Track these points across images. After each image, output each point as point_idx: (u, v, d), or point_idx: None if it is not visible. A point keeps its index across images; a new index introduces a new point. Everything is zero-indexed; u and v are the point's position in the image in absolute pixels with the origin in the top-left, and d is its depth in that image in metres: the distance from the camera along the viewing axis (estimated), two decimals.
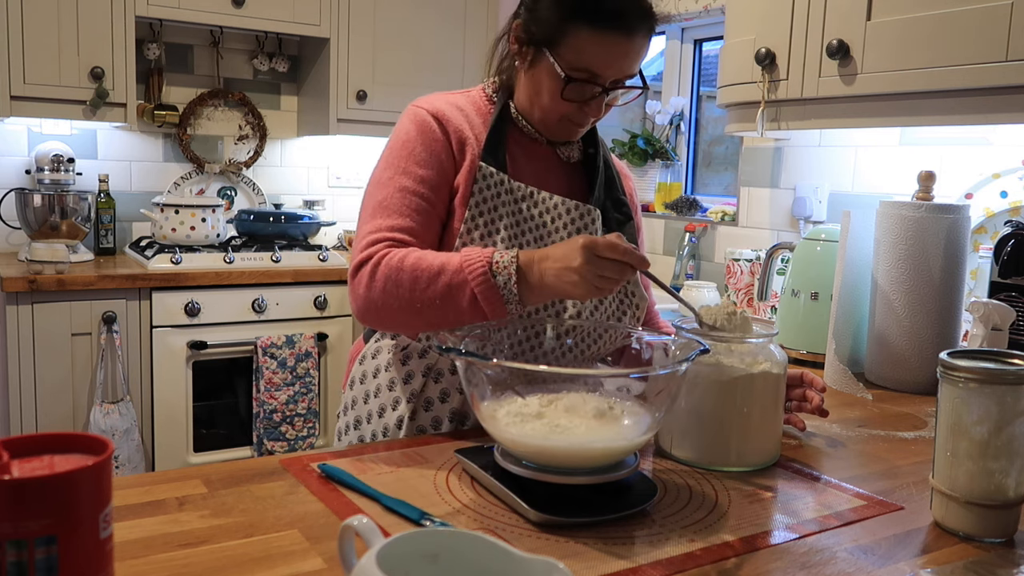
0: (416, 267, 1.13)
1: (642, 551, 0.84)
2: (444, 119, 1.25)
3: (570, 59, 1.18)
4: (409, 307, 1.13)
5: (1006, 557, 0.88)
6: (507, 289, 1.08)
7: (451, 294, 1.10)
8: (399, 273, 1.13)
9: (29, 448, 0.65)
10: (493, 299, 1.09)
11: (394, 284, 1.14)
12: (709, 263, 2.78)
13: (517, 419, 0.95)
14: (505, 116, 1.29)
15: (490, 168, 1.23)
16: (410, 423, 1.25)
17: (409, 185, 1.21)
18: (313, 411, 2.92)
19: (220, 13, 2.92)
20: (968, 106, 1.48)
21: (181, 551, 0.81)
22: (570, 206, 1.28)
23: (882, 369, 1.63)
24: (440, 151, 1.23)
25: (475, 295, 1.09)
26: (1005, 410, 0.88)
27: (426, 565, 0.63)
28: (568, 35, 1.17)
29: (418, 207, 1.21)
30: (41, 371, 2.54)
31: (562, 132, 1.29)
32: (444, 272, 1.11)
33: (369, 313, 1.18)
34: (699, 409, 1.09)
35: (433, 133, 1.24)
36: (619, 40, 1.17)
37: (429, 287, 1.11)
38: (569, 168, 1.35)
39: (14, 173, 2.96)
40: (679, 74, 3.15)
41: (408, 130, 1.25)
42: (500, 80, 1.32)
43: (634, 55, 1.20)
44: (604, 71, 1.19)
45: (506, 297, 1.09)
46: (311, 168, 3.53)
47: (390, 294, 1.14)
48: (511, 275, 1.08)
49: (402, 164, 1.23)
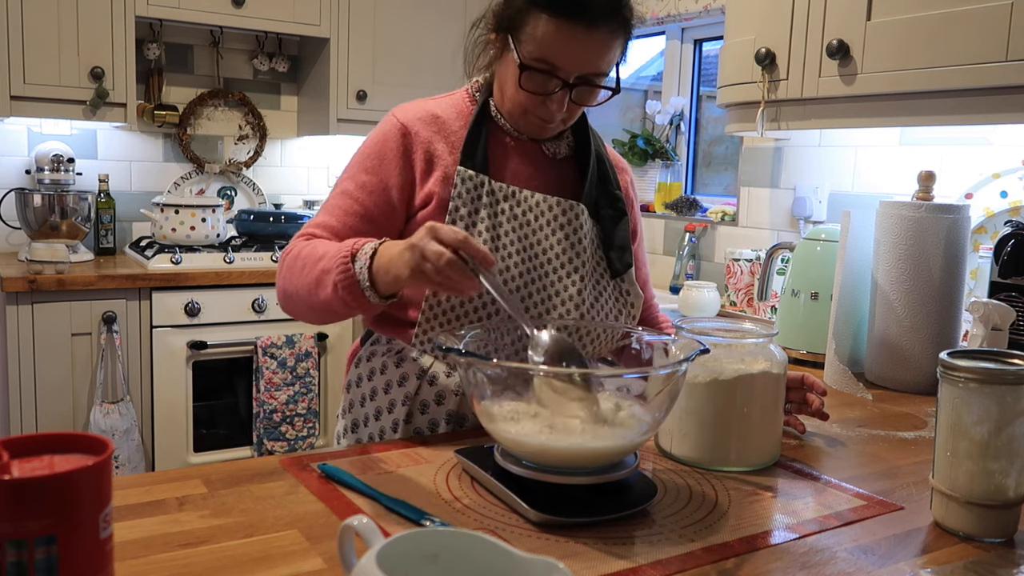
0: (308, 254, 1.16)
1: (642, 551, 0.84)
2: (412, 131, 1.25)
3: (529, 48, 1.16)
4: (297, 292, 1.17)
5: (1006, 557, 0.88)
6: (362, 275, 1.08)
7: (322, 279, 1.12)
8: (294, 260, 1.18)
9: (29, 448, 0.65)
10: (350, 284, 1.08)
11: (288, 270, 1.19)
12: (709, 263, 2.78)
13: (516, 418, 0.95)
14: (485, 115, 1.28)
15: (469, 172, 1.22)
16: (406, 426, 1.25)
17: (349, 189, 1.25)
18: (313, 411, 2.92)
19: (220, 13, 2.92)
20: (968, 106, 1.48)
21: (181, 551, 0.81)
22: (552, 203, 1.27)
23: (882, 369, 1.63)
24: (393, 159, 1.24)
25: (336, 281, 1.09)
26: (1005, 410, 0.88)
27: (426, 565, 0.63)
28: (528, 22, 1.16)
29: (348, 208, 1.23)
30: (41, 371, 2.54)
31: (530, 128, 1.27)
32: (324, 258, 1.12)
33: (279, 298, 1.24)
34: (699, 409, 1.09)
35: (392, 143, 1.25)
36: (578, 32, 1.14)
37: (310, 272, 1.14)
38: (557, 164, 1.33)
39: (14, 173, 2.96)
40: (679, 74, 3.15)
41: (372, 138, 1.28)
42: (485, 79, 1.32)
43: (596, 50, 1.16)
44: (562, 63, 1.16)
45: (361, 282, 1.08)
46: (311, 168, 3.53)
47: (287, 280, 1.19)
48: (366, 260, 1.07)
49: (353, 170, 1.26)
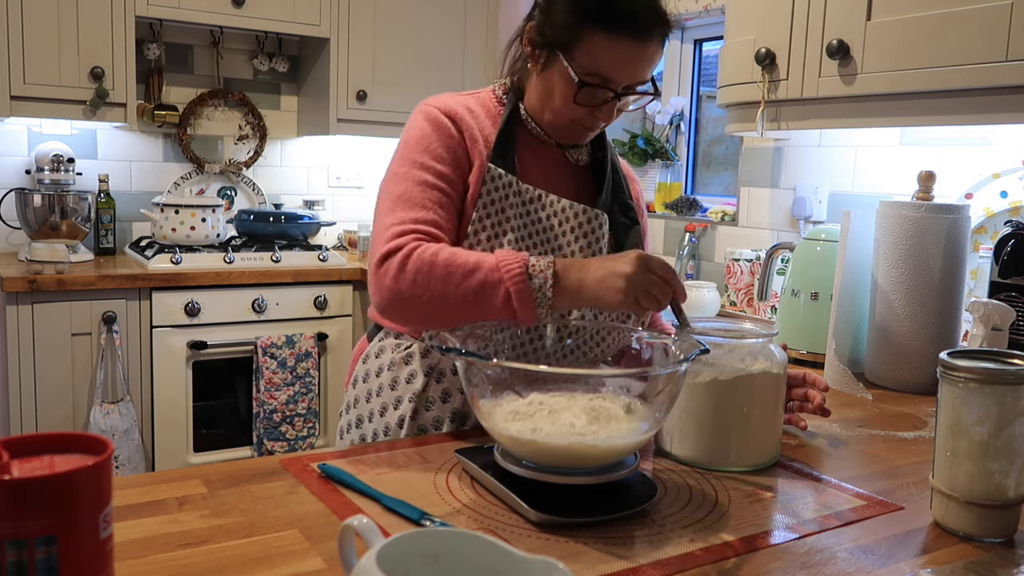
0: (450, 262, 1.12)
1: (642, 551, 0.84)
2: (457, 117, 1.24)
3: (584, 63, 1.17)
4: (439, 301, 1.12)
5: (1006, 557, 0.88)
6: (541, 292, 1.08)
7: (485, 291, 1.10)
8: (432, 267, 1.12)
9: (29, 448, 0.65)
10: (526, 300, 1.08)
11: (426, 277, 1.12)
12: (709, 263, 2.78)
13: (516, 418, 0.95)
14: (515, 118, 1.28)
15: (499, 170, 1.22)
16: (411, 422, 1.25)
17: (428, 179, 1.20)
18: (313, 411, 2.92)
19: (220, 13, 2.92)
20: (968, 106, 1.48)
21: (181, 551, 0.81)
22: (578, 210, 1.28)
23: (882, 369, 1.63)
24: (456, 148, 1.23)
25: (509, 294, 1.08)
26: (1005, 410, 0.88)
27: (426, 565, 0.63)
28: (582, 39, 1.17)
29: (439, 200, 1.20)
30: (41, 371, 2.54)
31: (571, 136, 1.29)
32: (479, 269, 1.10)
33: (394, 304, 1.15)
34: (699, 409, 1.09)
35: (447, 130, 1.23)
36: (633, 46, 1.17)
37: (463, 283, 1.10)
38: (577, 171, 1.35)
39: (14, 173, 2.96)
40: (679, 74, 3.15)
41: (422, 126, 1.24)
42: (511, 81, 1.32)
43: (647, 61, 1.20)
44: (617, 76, 1.18)
45: (539, 300, 1.09)
46: (311, 168, 3.53)
47: (420, 286, 1.12)
48: (547, 278, 1.09)
49: (419, 159, 1.21)
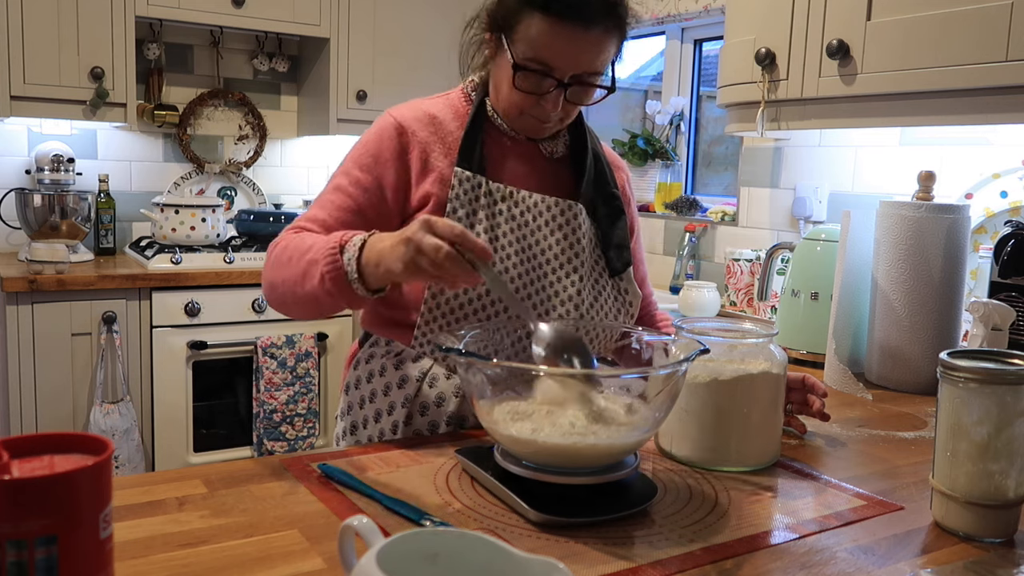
0: (295, 246, 1.14)
1: (642, 551, 0.84)
2: (408, 132, 1.25)
3: (523, 48, 1.16)
4: (282, 284, 1.16)
5: (1006, 557, 0.88)
6: (350, 266, 1.06)
7: (309, 270, 1.10)
8: (282, 252, 1.17)
9: (29, 448, 0.65)
10: (337, 276, 1.06)
11: (274, 261, 1.18)
12: (709, 263, 2.78)
13: (516, 418, 0.94)
14: (481, 115, 1.28)
15: (466, 172, 1.22)
16: (406, 428, 1.24)
17: (342, 184, 1.24)
18: (313, 411, 2.92)
19: (220, 13, 2.92)
20: (968, 106, 1.48)
21: (181, 551, 0.81)
22: (550, 203, 1.26)
23: (882, 369, 1.63)
24: (389, 158, 1.24)
25: (323, 273, 1.07)
26: (1005, 410, 0.88)
27: (426, 565, 0.63)
28: (522, 22, 1.16)
29: (341, 203, 1.22)
30: (41, 371, 2.54)
31: (527, 128, 1.27)
32: (311, 250, 1.10)
33: (265, 292, 1.22)
34: (699, 409, 1.09)
35: (388, 142, 1.24)
36: (574, 31, 1.14)
37: (297, 264, 1.12)
38: (554, 163, 1.33)
39: (14, 173, 2.96)
40: (679, 74, 3.15)
41: (367, 135, 1.27)
42: (480, 77, 1.32)
43: (592, 49, 1.16)
44: (558, 63, 1.16)
45: (348, 274, 1.06)
46: (311, 168, 3.53)
47: (272, 271, 1.18)
48: (355, 252, 1.06)
49: (348, 166, 1.26)
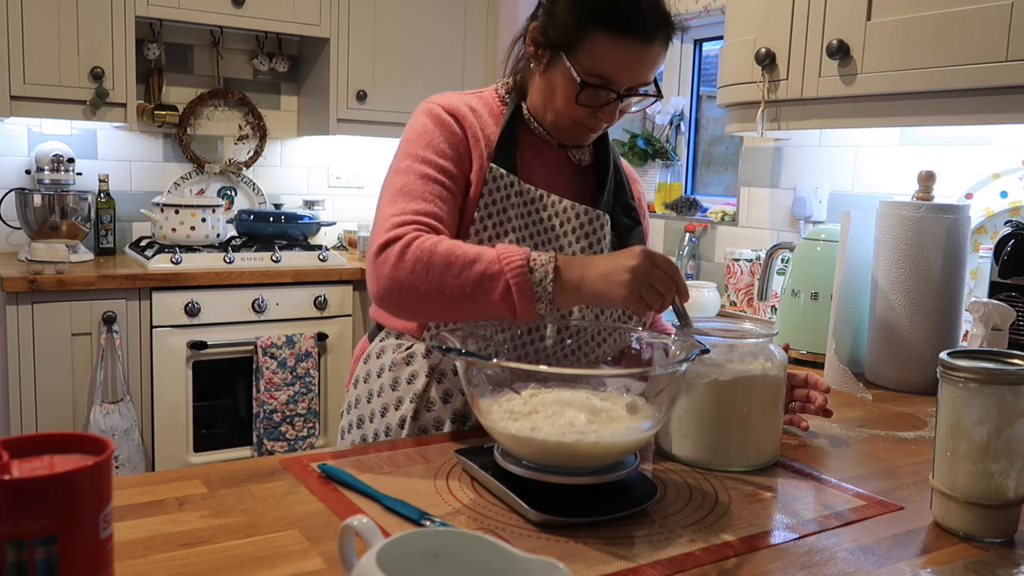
0: (450, 253, 1.11)
1: (642, 551, 0.84)
2: (460, 115, 1.24)
3: (586, 64, 1.17)
4: (437, 292, 1.11)
5: (1006, 557, 0.88)
6: (542, 286, 1.07)
7: (484, 283, 1.09)
8: (431, 256, 1.11)
9: (29, 448, 0.65)
10: (526, 294, 1.07)
11: (425, 266, 1.11)
12: (709, 263, 2.78)
13: (515, 417, 0.95)
14: (517, 118, 1.28)
15: (500, 170, 1.22)
16: (412, 423, 1.25)
17: (430, 173, 1.20)
18: (313, 411, 2.92)
19: (220, 13, 2.92)
20: (968, 106, 1.48)
21: (181, 551, 0.81)
22: (579, 211, 1.28)
23: (882, 369, 1.63)
24: (458, 144, 1.23)
25: (509, 287, 1.07)
26: (1005, 410, 0.88)
27: (426, 565, 0.63)
28: (585, 40, 1.16)
29: (440, 194, 1.20)
30: (41, 371, 2.54)
31: (573, 136, 1.28)
32: (479, 261, 1.09)
33: (391, 294, 1.14)
34: (699, 409, 1.09)
35: (450, 127, 1.23)
36: (636, 47, 1.16)
37: (462, 273, 1.09)
38: (580, 171, 1.35)
39: (14, 173, 2.96)
40: (679, 74, 3.15)
41: (424, 123, 1.24)
42: (513, 81, 1.32)
43: (650, 63, 1.19)
44: (620, 78, 1.18)
45: (539, 294, 1.08)
46: (311, 168, 3.53)
47: (419, 276, 1.11)
48: (548, 273, 1.08)
49: (421, 153, 1.22)
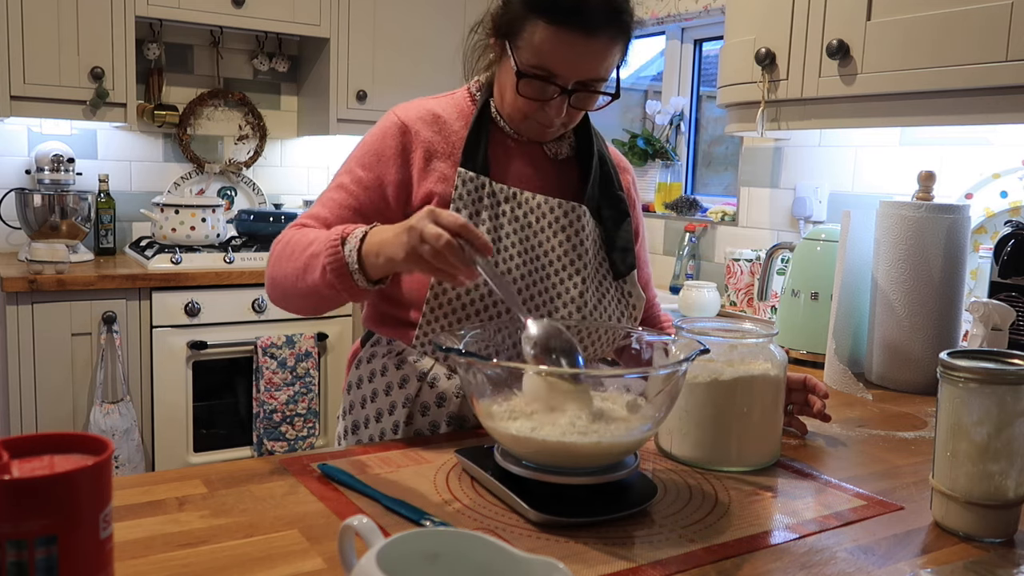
0: (296, 241, 1.15)
1: (642, 551, 0.84)
2: (412, 130, 1.25)
3: (526, 54, 1.15)
4: (284, 280, 1.16)
5: (1006, 557, 0.88)
6: (351, 257, 1.06)
7: (310, 264, 1.10)
8: (284, 247, 1.17)
9: (29, 448, 0.65)
10: (339, 267, 1.06)
11: (276, 257, 1.18)
12: (709, 263, 2.78)
13: (516, 417, 0.94)
14: (485, 116, 1.27)
15: (469, 173, 1.22)
16: (407, 428, 1.24)
17: (345, 183, 1.25)
18: (313, 411, 2.92)
19: (220, 13, 2.92)
20: (968, 106, 1.48)
21: (181, 551, 0.81)
22: (554, 204, 1.26)
23: (882, 369, 1.63)
24: (391, 156, 1.24)
25: (325, 264, 1.07)
26: (1005, 410, 0.88)
27: (426, 565, 0.63)
28: (526, 29, 1.15)
29: (342, 201, 1.23)
30: (41, 371, 2.54)
31: (531, 132, 1.27)
32: (312, 244, 1.11)
33: (268, 289, 1.22)
34: (699, 409, 1.09)
35: (391, 140, 1.25)
36: (577, 39, 1.13)
37: (296, 258, 1.13)
38: (558, 165, 1.32)
39: (14, 173, 2.96)
40: (679, 74, 3.15)
41: (371, 134, 1.28)
42: (486, 78, 1.31)
43: (596, 57, 1.15)
44: (561, 70, 1.15)
45: (349, 264, 1.06)
46: (311, 168, 3.53)
47: (275, 267, 1.18)
48: (356, 243, 1.06)
49: (350, 165, 1.27)
